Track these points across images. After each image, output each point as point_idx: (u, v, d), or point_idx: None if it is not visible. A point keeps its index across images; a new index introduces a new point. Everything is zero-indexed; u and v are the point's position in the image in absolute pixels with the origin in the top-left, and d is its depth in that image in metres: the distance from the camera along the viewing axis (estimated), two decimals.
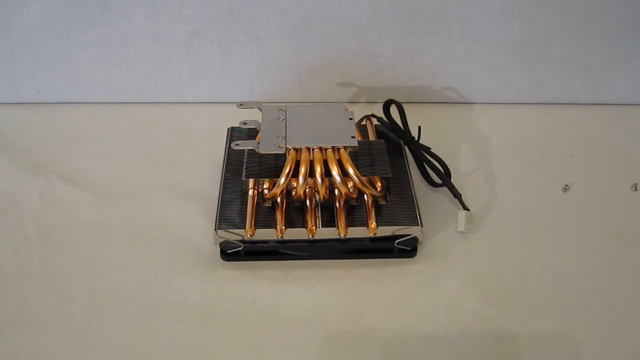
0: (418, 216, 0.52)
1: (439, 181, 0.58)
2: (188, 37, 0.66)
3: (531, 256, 0.53)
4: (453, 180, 0.57)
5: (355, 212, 0.52)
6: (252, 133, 0.58)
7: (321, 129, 0.53)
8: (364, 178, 0.51)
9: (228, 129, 0.61)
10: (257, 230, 0.51)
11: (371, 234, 0.51)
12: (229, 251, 0.51)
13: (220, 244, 0.51)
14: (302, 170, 0.50)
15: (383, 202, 0.53)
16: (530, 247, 0.54)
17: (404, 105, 0.61)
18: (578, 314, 0.48)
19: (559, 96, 0.70)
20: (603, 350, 0.46)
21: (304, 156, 0.51)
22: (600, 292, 0.50)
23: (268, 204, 0.53)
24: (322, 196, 0.52)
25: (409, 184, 0.56)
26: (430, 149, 0.59)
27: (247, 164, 0.53)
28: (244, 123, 0.54)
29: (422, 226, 0.51)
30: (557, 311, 0.48)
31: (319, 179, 0.51)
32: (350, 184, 0.51)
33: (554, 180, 0.60)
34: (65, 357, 0.45)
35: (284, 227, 0.51)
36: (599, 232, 0.55)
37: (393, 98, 0.61)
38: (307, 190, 0.52)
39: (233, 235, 0.51)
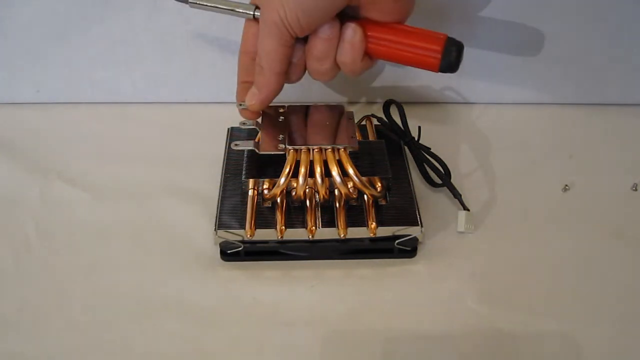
0: (418, 216, 0.52)
1: (439, 181, 0.58)
2: (188, 37, 0.66)
3: (531, 256, 0.53)
4: (453, 180, 0.57)
5: (355, 212, 0.52)
6: (252, 133, 0.58)
7: (321, 129, 0.53)
8: (364, 178, 0.51)
9: (228, 129, 0.61)
10: (257, 230, 0.51)
11: (371, 234, 0.51)
12: (228, 251, 0.51)
13: (220, 244, 0.51)
14: (302, 170, 0.50)
15: (383, 202, 0.53)
16: (530, 247, 0.54)
17: (404, 105, 0.61)
18: (578, 314, 0.48)
19: (559, 96, 0.70)
20: (603, 351, 0.46)
21: (304, 156, 0.51)
22: (601, 292, 0.50)
23: (268, 204, 0.53)
24: (322, 196, 0.52)
25: (409, 184, 0.56)
26: (430, 149, 0.59)
27: (247, 164, 0.53)
28: (244, 123, 0.54)
29: (422, 226, 0.51)
30: (557, 311, 0.48)
31: (318, 180, 0.51)
32: (350, 184, 0.51)
33: (554, 180, 0.60)
34: (65, 357, 0.45)
35: (284, 227, 0.51)
36: (599, 232, 0.55)
37: (393, 98, 0.62)
38: (307, 190, 0.52)
39: (233, 235, 0.51)
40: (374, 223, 0.51)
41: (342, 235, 0.51)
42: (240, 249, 0.51)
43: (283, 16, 0.46)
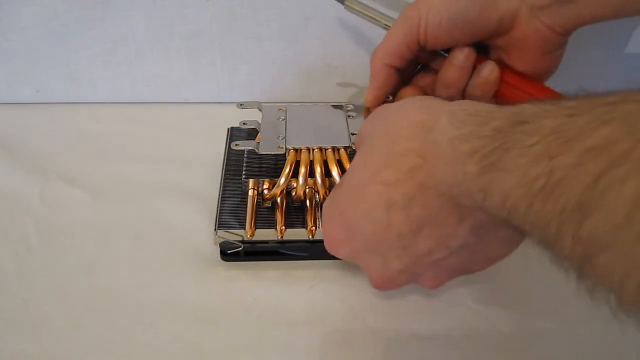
0: None
1: None
2: (188, 37, 0.66)
3: (531, 256, 0.53)
4: None
5: None
6: (252, 133, 0.58)
7: (321, 129, 0.53)
8: None
9: (228, 129, 0.61)
10: (257, 230, 0.51)
11: None
12: (228, 251, 0.51)
13: (220, 244, 0.51)
14: (302, 170, 0.50)
15: None
16: (530, 247, 0.53)
17: None
18: (578, 314, 0.48)
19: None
20: (603, 351, 0.46)
21: (304, 156, 0.51)
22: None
23: (268, 204, 0.53)
24: (322, 196, 0.52)
25: None
26: None
27: (247, 164, 0.53)
28: (244, 123, 0.54)
29: None
30: (557, 311, 0.48)
31: (319, 180, 0.51)
32: None
33: None
34: (65, 357, 0.45)
35: (284, 227, 0.51)
36: None
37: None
38: (307, 190, 0.52)
39: (233, 235, 0.51)
40: None
41: None
42: (240, 249, 0.51)
43: (424, 14, 0.45)
